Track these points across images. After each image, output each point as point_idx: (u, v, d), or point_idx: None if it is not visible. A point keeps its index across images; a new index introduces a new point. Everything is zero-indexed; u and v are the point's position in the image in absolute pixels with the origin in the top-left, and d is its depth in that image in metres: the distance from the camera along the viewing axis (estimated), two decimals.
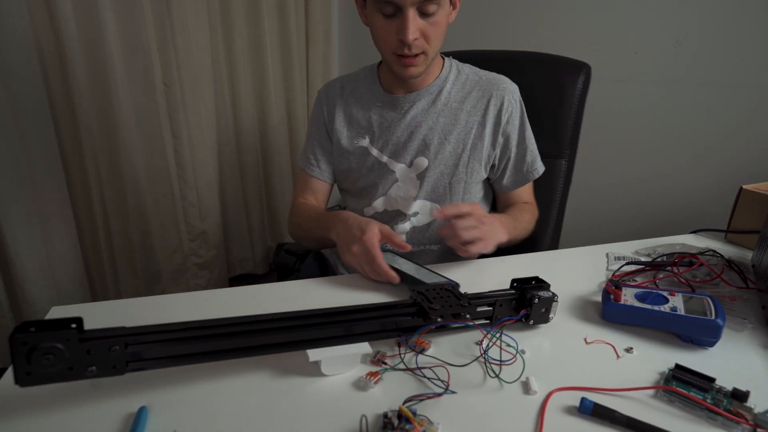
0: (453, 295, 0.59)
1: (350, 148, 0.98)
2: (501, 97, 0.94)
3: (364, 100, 0.98)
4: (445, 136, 0.94)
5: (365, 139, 0.97)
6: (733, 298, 0.70)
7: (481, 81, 0.96)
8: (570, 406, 0.49)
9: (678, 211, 1.60)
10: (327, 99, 1.01)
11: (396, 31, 0.82)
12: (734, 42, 1.39)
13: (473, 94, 0.95)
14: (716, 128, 1.48)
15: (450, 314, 0.56)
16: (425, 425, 0.44)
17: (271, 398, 0.50)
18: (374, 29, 0.85)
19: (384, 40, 0.85)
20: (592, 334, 0.62)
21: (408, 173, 0.96)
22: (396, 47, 0.84)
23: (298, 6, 1.85)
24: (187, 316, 0.51)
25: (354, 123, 0.98)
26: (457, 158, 0.94)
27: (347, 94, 1.00)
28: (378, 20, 0.83)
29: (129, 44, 1.46)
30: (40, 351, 0.42)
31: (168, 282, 1.78)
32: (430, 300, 0.57)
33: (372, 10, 0.83)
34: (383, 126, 0.96)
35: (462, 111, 0.94)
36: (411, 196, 0.96)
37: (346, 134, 0.98)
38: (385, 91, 0.96)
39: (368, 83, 0.99)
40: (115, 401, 0.49)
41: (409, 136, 0.95)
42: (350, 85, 1.01)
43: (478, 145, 0.94)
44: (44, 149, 1.39)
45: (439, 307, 0.56)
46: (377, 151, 0.97)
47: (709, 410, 0.48)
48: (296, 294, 0.72)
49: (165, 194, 1.68)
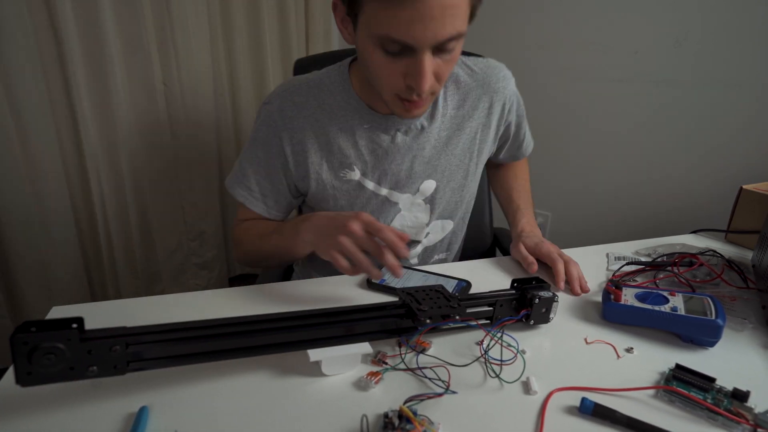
0: (443, 296, 0.58)
1: (334, 182, 0.80)
2: (503, 91, 0.85)
3: (342, 119, 0.78)
4: (451, 150, 0.83)
5: (355, 171, 0.80)
6: (734, 298, 0.70)
7: (476, 78, 0.83)
8: (570, 406, 0.49)
9: (678, 211, 1.60)
10: (284, 121, 0.77)
11: (403, 74, 0.64)
12: (735, 42, 1.39)
13: (472, 95, 0.84)
14: (716, 128, 1.48)
15: (439, 315, 0.55)
16: (426, 425, 0.44)
17: (271, 398, 0.50)
18: (371, 64, 0.66)
19: (385, 81, 0.66)
20: (593, 334, 0.62)
21: (413, 200, 0.84)
22: (401, 90, 0.67)
23: (298, 6, 1.85)
24: (187, 316, 0.51)
25: (335, 151, 0.79)
26: (466, 169, 0.86)
27: (313, 111, 0.78)
28: (377, 56, 0.63)
29: (129, 44, 1.46)
30: (41, 351, 0.42)
31: (168, 282, 1.78)
32: (419, 301, 0.56)
33: (367, 42, 0.63)
34: (377, 154, 0.79)
35: (463, 117, 0.84)
36: (422, 223, 0.86)
37: (327, 167, 0.79)
38: (368, 108, 0.78)
39: (342, 95, 0.78)
40: (115, 401, 0.49)
41: (412, 161, 0.81)
42: (315, 99, 0.78)
43: (484, 149, 0.88)
44: (44, 149, 1.39)
45: (427, 308, 0.55)
46: (374, 184, 0.81)
47: (709, 410, 0.48)
48: (296, 294, 0.72)
49: (165, 194, 1.68)
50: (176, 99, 1.61)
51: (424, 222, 0.86)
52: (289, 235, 0.74)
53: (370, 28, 0.61)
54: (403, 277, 0.75)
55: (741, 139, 1.45)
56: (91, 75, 1.42)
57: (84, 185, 1.52)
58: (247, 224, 0.85)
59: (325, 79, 0.80)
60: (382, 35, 0.60)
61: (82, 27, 1.36)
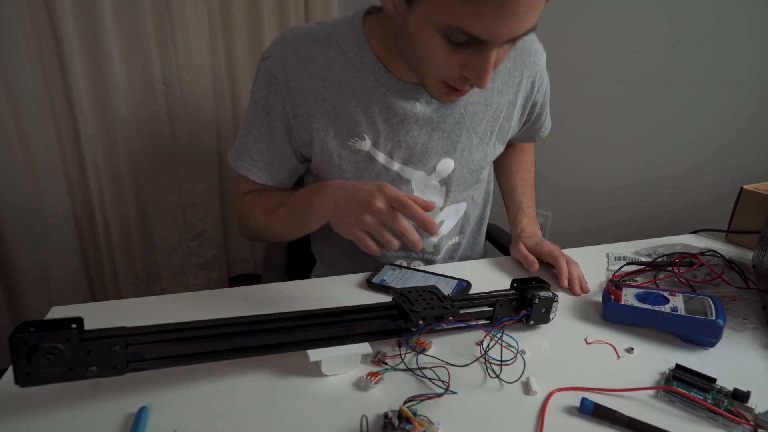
0: (436, 296, 0.57)
1: (341, 152, 0.73)
2: (533, 66, 0.77)
3: (354, 80, 0.70)
4: (474, 128, 0.76)
5: (365, 141, 0.72)
6: (734, 298, 0.70)
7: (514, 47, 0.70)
8: (570, 406, 0.49)
9: (678, 212, 1.60)
10: (286, 78, 0.69)
11: (461, 64, 0.59)
12: (735, 42, 1.39)
13: (504, 67, 0.75)
14: (717, 128, 1.48)
15: (432, 316, 0.54)
16: (426, 425, 0.44)
17: (271, 398, 0.50)
18: (423, 49, 0.59)
19: (438, 68, 0.61)
20: (593, 335, 0.62)
21: (428, 181, 0.77)
22: (453, 79, 0.61)
23: (298, 6, 1.85)
24: (187, 316, 0.51)
25: (344, 116, 0.71)
26: (484, 149, 0.79)
27: (320, 69, 0.69)
28: (435, 43, 0.57)
29: (129, 44, 1.46)
30: (40, 351, 0.42)
31: (168, 282, 1.78)
32: (411, 302, 0.55)
33: (426, 26, 0.56)
34: (392, 123, 0.72)
35: (493, 91, 0.75)
36: (436, 207, 0.79)
37: (333, 134, 0.72)
38: (386, 70, 0.70)
39: (355, 53, 0.69)
40: (115, 401, 0.49)
41: (430, 134, 0.74)
42: (323, 56, 0.69)
43: (505, 127, 0.79)
44: (44, 149, 1.39)
45: (420, 310, 0.54)
46: (385, 157, 0.74)
47: (709, 410, 0.48)
48: (296, 294, 0.72)
49: (165, 194, 1.68)
50: (176, 99, 1.61)
51: (438, 207, 0.80)
52: (299, 209, 0.67)
53: (438, 14, 0.54)
54: (403, 278, 0.75)
55: (741, 139, 1.45)
56: (91, 75, 1.42)
57: (84, 185, 1.52)
58: (251, 197, 0.79)
59: (335, 32, 0.70)
60: (454, 26, 0.54)
61: (82, 27, 1.36)
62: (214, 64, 1.69)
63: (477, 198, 0.91)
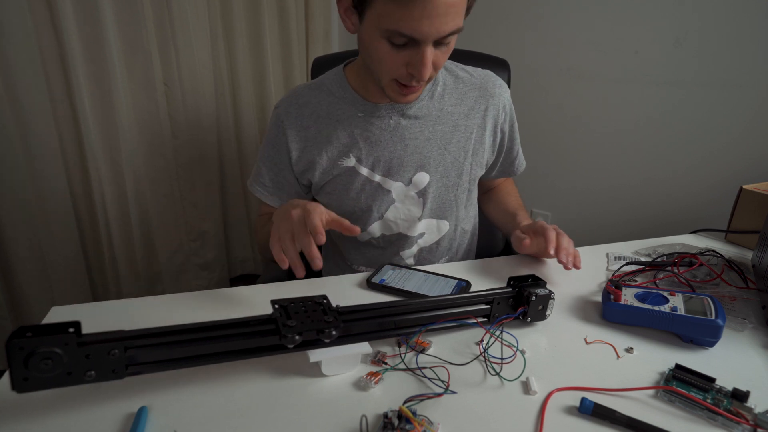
0: (321, 308, 0.53)
1: (333, 171, 0.86)
2: (498, 96, 0.89)
3: (339, 111, 0.84)
4: (445, 145, 0.86)
5: (350, 159, 0.85)
6: (733, 298, 0.70)
7: (474, 81, 0.88)
8: (570, 406, 0.49)
9: (678, 212, 1.60)
10: (289, 121, 0.85)
11: (405, 63, 0.71)
12: (734, 42, 1.39)
13: (469, 96, 0.88)
14: (716, 128, 1.48)
15: (311, 330, 0.50)
16: (425, 425, 0.44)
17: (271, 398, 0.50)
18: (374, 53, 0.72)
19: (387, 68, 0.72)
20: (593, 334, 0.62)
21: (407, 192, 0.87)
22: (401, 76, 0.73)
23: (298, 6, 1.85)
24: (188, 317, 0.51)
25: (333, 141, 0.84)
26: (460, 167, 0.88)
27: (314, 109, 0.85)
28: (382, 46, 0.70)
29: (130, 44, 1.46)
30: (38, 356, 0.41)
31: (168, 282, 1.78)
32: (290, 315, 0.51)
33: (373, 33, 0.69)
34: (371, 141, 0.84)
35: (460, 115, 0.87)
36: (414, 216, 0.89)
37: (326, 156, 0.85)
38: (363, 99, 0.84)
39: (339, 92, 0.85)
40: (115, 401, 0.49)
41: (404, 149, 0.85)
42: (315, 98, 0.86)
43: (480, 150, 0.90)
44: (45, 149, 1.39)
45: (296, 324, 0.50)
46: (368, 170, 0.85)
47: (709, 410, 0.48)
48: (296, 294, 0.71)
49: (166, 194, 1.68)
50: (177, 99, 1.61)
51: (416, 216, 0.89)
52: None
53: (379, 22, 0.67)
54: (403, 278, 0.75)
55: (741, 139, 1.45)
56: (92, 75, 1.42)
57: (85, 185, 1.53)
58: (263, 219, 0.93)
59: (325, 80, 0.88)
60: (392, 30, 0.67)
61: (83, 27, 1.37)
62: (214, 64, 1.69)
63: (463, 226, 0.97)
